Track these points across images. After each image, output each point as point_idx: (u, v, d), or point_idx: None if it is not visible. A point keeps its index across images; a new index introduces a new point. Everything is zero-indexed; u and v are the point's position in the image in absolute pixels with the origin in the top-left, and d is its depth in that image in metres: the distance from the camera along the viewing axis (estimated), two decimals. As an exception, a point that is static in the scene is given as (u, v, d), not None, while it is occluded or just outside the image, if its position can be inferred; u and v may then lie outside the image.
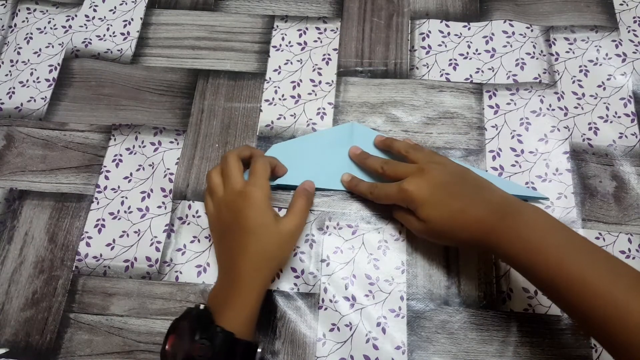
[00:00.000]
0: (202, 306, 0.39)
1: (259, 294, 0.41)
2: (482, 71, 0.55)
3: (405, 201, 0.43)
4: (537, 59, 0.55)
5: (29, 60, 0.57)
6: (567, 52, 0.55)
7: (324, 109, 0.53)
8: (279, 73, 0.55)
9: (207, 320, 0.38)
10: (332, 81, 0.55)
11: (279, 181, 0.49)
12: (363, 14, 0.58)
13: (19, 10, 0.60)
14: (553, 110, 0.52)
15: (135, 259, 0.47)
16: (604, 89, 0.53)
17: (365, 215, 0.48)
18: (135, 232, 0.48)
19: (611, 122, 0.52)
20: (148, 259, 0.47)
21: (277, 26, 0.58)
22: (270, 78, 0.55)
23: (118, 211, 0.49)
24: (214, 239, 0.46)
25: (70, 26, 0.59)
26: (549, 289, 0.36)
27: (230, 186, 0.43)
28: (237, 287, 0.40)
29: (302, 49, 0.57)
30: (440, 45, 0.56)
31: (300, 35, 0.57)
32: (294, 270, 0.46)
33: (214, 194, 0.44)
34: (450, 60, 0.55)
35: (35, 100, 0.55)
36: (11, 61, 0.57)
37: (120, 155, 0.52)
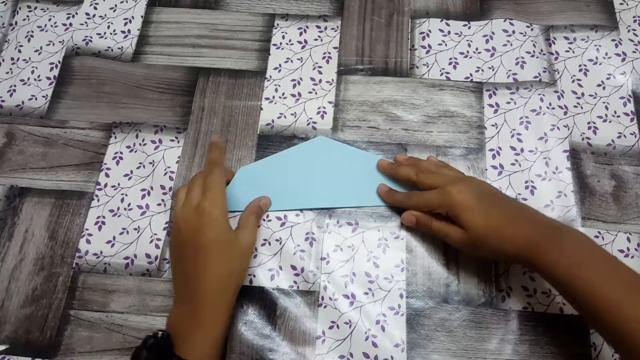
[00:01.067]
0: (160, 334, 0.37)
1: (226, 315, 0.40)
2: (482, 70, 0.55)
3: (449, 205, 0.41)
4: (537, 58, 0.55)
5: (29, 58, 0.57)
6: (567, 51, 0.56)
7: (324, 107, 0.53)
8: (280, 71, 0.55)
9: (165, 349, 0.37)
10: (333, 80, 0.55)
11: (244, 207, 0.48)
12: (363, 13, 0.58)
13: (20, 8, 0.60)
14: (553, 109, 0.52)
15: (135, 256, 0.47)
16: (604, 88, 0.54)
17: (365, 214, 0.49)
18: (135, 229, 0.48)
19: (610, 121, 0.52)
20: (148, 256, 0.47)
21: (278, 24, 0.58)
22: (270, 76, 0.55)
23: (118, 208, 0.49)
24: (171, 259, 0.44)
25: (70, 24, 0.59)
26: (586, 311, 0.37)
27: (188, 201, 0.41)
28: (202, 310, 0.38)
29: (303, 47, 0.57)
30: (440, 44, 0.56)
31: (301, 34, 0.57)
32: (293, 268, 0.46)
33: (174, 209, 0.43)
34: (451, 59, 0.55)
35: (36, 98, 0.55)
36: (12, 59, 0.57)
37: (121, 153, 0.52)
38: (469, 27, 0.57)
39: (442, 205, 0.42)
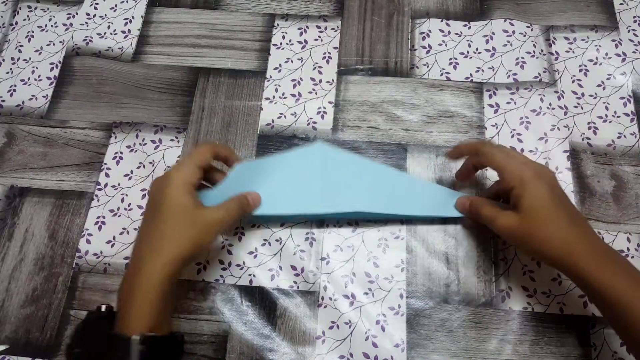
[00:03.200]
0: (100, 306, 0.37)
1: (163, 278, 0.36)
2: (482, 70, 0.55)
3: (520, 178, 0.39)
4: (537, 58, 0.55)
5: (30, 58, 0.57)
6: (567, 51, 0.56)
7: (324, 107, 0.53)
8: (280, 71, 0.55)
9: (96, 327, 0.36)
10: (333, 80, 0.55)
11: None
12: (364, 13, 0.58)
13: (20, 9, 0.60)
14: (553, 109, 0.52)
15: (136, 256, 0.47)
16: (604, 88, 0.54)
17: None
18: (136, 229, 0.48)
19: (610, 121, 0.52)
20: (148, 256, 0.47)
21: (278, 24, 0.58)
22: (270, 76, 0.55)
23: (118, 208, 0.49)
24: (143, 218, 0.41)
25: (71, 24, 0.59)
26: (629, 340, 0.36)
27: (164, 171, 0.40)
28: (137, 275, 0.36)
29: (303, 47, 0.57)
30: (440, 44, 0.56)
31: (301, 34, 0.57)
32: (293, 268, 0.46)
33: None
34: (451, 59, 0.55)
35: (36, 98, 0.55)
36: (12, 59, 0.57)
37: (121, 152, 0.52)
38: (469, 27, 0.57)
39: (513, 177, 0.39)
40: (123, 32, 0.58)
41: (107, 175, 0.51)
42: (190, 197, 0.38)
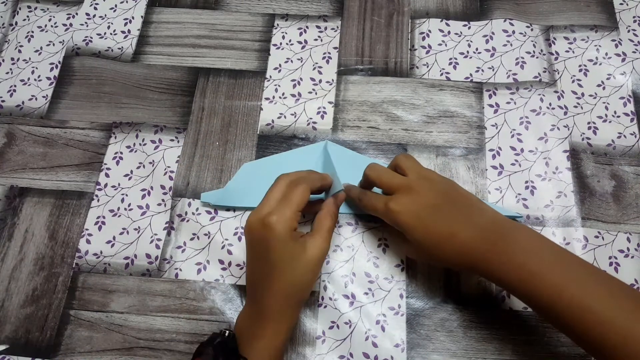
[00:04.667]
0: (227, 333, 0.38)
1: (289, 327, 0.39)
2: (482, 70, 0.55)
3: (391, 222, 0.40)
4: (537, 58, 0.55)
5: (30, 58, 0.57)
6: (567, 51, 0.56)
7: (324, 107, 0.53)
8: (280, 71, 0.55)
9: (231, 349, 0.37)
10: (333, 80, 0.55)
11: (245, 203, 0.48)
12: (363, 13, 0.58)
13: (20, 9, 0.60)
14: (553, 109, 0.52)
15: (135, 256, 0.47)
16: (604, 88, 0.54)
17: (365, 213, 0.48)
18: (136, 229, 0.48)
19: (610, 121, 0.52)
20: (148, 256, 0.47)
21: (278, 24, 0.58)
22: (270, 76, 0.55)
23: (118, 208, 0.49)
24: (247, 255, 0.41)
25: (71, 24, 0.59)
26: (549, 315, 0.36)
27: (262, 207, 0.38)
28: (265, 319, 0.38)
29: (303, 47, 0.57)
30: (440, 44, 0.56)
31: (301, 34, 0.57)
32: (293, 268, 0.46)
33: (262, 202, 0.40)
34: (451, 59, 0.55)
35: (36, 98, 0.55)
36: (12, 59, 0.57)
37: (121, 153, 0.52)
38: (469, 27, 0.57)
39: (386, 220, 0.41)
40: (123, 32, 0.58)
41: (107, 175, 0.51)
42: (295, 243, 0.38)
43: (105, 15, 0.59)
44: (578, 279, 0.34)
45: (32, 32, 0.59)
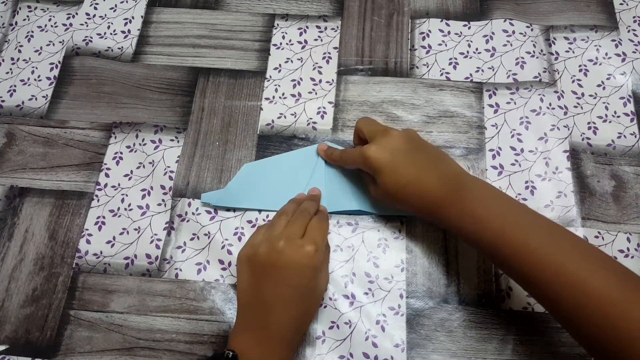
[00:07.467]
0: (227, 353, 0.37)
1: (294, 351, 0.41)
2: (482, 70, 0.55)
3: (366, 166, 0.42)
4: (537, 58, 0.55)
5: (30, 58, 0.57)
6: (567, 51, 0.56)
7: (324, 107, 0.53)
8: (280, 71, 0.55)
9: None
10: (333, 80, 0.55)
11: (246, 204, 0.48)
12: (363, 13, 0.58)
13: (20, 9, 0.60)
14: (553, 109, 0.52)
15: (136, 256, 0.47)
16: (604, 88, 0.54)
17: (365, 214, 0.48)
18: (136, 229, 0.48)
19: (610, 121, 0.52)
20: (148, 256, 0.47)
21: (278, 24, 0.58)
22: (270, 76, 0.55)
23: (118, 209, 0.49)
24: (244, 271, 0.40)
25: (71, 24, 0.59)
26: (496, 258, 0.38)
27: (289, 233, 0.39)
28: (272, 345, 0.38)
29: (303, 47, 0.57)
30: (440, 44, 0.56)
31: (301, 34, 0.57)
32: (293, 268, 0.46)
33: (272, 229, 0.41)
34: (451, 59, 0.55)
35: (36, 98, 0.55)
36: (12, 59, 0.57)
37: (121, 153, 0.52)
38: (469, 27, 0.57)
39: (362, 165, 0.43)
40: (123, 32, 0.58)
41: (107, 175, 0.51)
42: (315, 276, 0.40)
43: (105, 15, 0.59)
44: (518, 222, 0.37)
45: (32, 32, 0.59)
